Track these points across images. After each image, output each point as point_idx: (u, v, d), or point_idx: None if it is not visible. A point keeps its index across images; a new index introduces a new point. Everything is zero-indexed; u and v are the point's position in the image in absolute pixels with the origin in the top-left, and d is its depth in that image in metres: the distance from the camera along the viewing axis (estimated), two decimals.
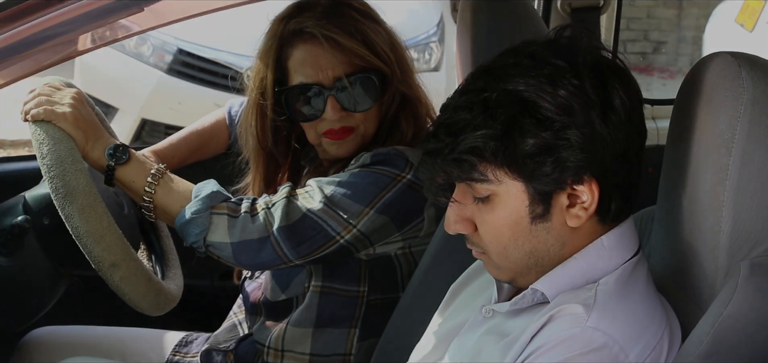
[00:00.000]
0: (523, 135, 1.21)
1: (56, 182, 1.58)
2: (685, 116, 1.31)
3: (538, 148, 1.21)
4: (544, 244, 1.27)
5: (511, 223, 1.26)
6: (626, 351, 1.20)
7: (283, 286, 1.87)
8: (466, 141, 1.22)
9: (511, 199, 1.25)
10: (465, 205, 1.29)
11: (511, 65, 1.24)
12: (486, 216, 1.28)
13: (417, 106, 1.88)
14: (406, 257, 1.84)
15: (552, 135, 1.21)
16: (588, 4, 2.47)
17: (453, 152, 1.24)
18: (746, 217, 1.22)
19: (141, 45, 4.77)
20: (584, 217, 1.25)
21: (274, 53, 1.81)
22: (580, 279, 1.28)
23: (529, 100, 1.21)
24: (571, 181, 1.23)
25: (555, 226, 1.26)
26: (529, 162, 1.22)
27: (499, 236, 1.28)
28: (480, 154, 1.23)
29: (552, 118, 1.21)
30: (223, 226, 1.68)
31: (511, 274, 1.32)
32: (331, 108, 1.78)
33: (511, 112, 1.21)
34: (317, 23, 1.76)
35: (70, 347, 2.08)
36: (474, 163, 1.23)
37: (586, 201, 1.24)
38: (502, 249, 1.28)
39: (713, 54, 1.29)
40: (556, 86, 1.21)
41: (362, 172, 1.75)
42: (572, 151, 1.21)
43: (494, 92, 1.22)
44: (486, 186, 1.25)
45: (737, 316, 1.20)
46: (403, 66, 1.86)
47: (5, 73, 1.57)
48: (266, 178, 1.95)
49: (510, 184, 1.24)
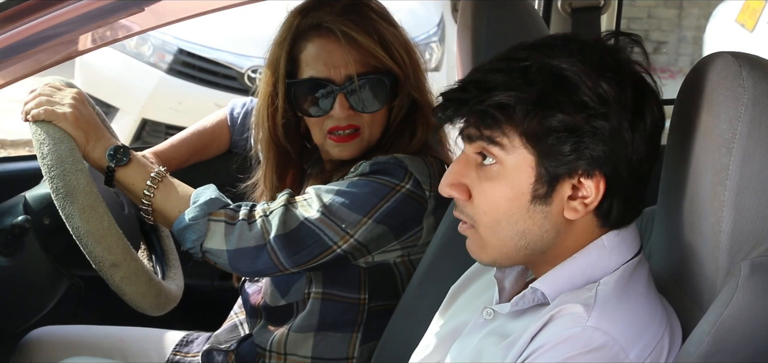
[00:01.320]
0: (555, 108, 1.21)
1: (57, 182, 1.58)
2: (685, 116, 1.31)
3: (565, 126, 1.21)
4: (539, 227, 1.26)
5: (511, 197, 1.25)
6: (626, 350, 1.20)
7: (282, 292, 1.87)
8: (498, 97, 1.22)
9: (517, 171, 1.24)
10: (465, 169, 1.29)
11: (559, 45, 1.25)
12: (486, 184, 1.26)
13: (429, 113, 1.87)
14: (405, 265, 1.83)
15: (583, 119, 1.21)
16: (589, 4, 2.47)
17: (481, 104, 1.23)
18: (747, 217, 1.22)
19: (141, 45, 4.77)
20: (582, 212, 1.25)
21: (288, 45, 1.81)
22: (579, 279, 1.28)
23: (569, 78, 1.22)
24: (582, 171, 1.23)
25: (553, 212, 1.26)
26: (551, 137, 1.22)
27: (495, 208, 1.26)
28: (508, 113, 1.22)
29: (587, 103, 1.21)
30: (220, 233, 1.68)
31: (495, 254, 1.30)
32: (339, 106, 1.77)
33: (548, 84, 1.21)
34: (336, 19, 1.76)
35: (70, 347, 2.08)
36: (499, 120, 1.22)
37: (589, 196, 1.24)
38: (494, 222, 1.27)
39: (714, 54, 1.29)
40: (599, 77, 1.22)
41: (361, 181, 1.75)
42: (595, 142, 1.21)
43: (535, 63, 1.23)
44: (497, 151, 1.24)
45: (738, 316, 1.20)
46: (417, 71, 1.85)
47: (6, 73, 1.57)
48: (278, 171, 1.94)
49: (521, 156, 1.24)
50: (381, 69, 1.78)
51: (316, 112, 1.80)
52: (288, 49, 1.81)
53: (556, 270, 1.29)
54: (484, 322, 1.37)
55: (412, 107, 1.85)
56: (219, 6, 2.27)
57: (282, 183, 1.93)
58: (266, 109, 1.87)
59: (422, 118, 1.86)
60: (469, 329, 1.39)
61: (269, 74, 1.85)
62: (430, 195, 1.77)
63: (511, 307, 1.32)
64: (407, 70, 1.81)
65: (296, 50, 1.81)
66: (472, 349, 1.35)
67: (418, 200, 1.76)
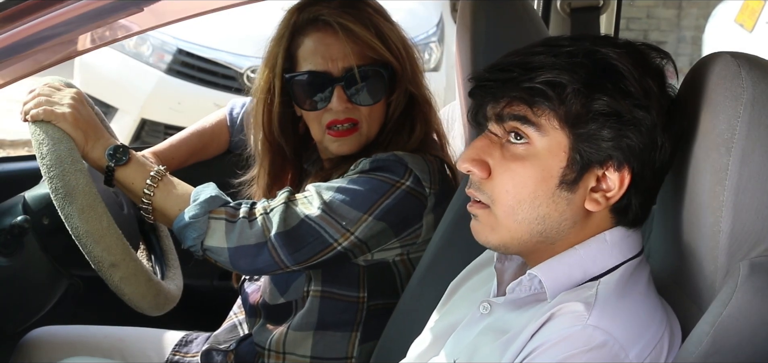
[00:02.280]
0: (601, 91, 1.22)
1: (56, 182, 1.58)
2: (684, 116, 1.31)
3: (609, 110, 1.22)
4: (560, 214, 1.27)
5: (539, 179, 1.25)
6: (626, 349, 1.20)
7: (281, 290, 1.87)
8: (547, 76, 1.23)
9: (549, 154, 1.25)
10: (491, 146, 1.28)
11: (604, 38, 1.28)
12: (513, 163, 1.26)
13: (427, 109, 1.88)
14: (404, 263, 1.83)
15: (627, 107, 1.22)
16: (588, 4, 2.47)
17: (531, 81, 1.23)
18: (746, 216, 1.22)
19: (141, 45, 4.77)
20: (603, 205, 1.26)
21: (286, 41, 1.82)
22: (578, 271, 1.28)
23: (615, 66, 1.23)
24: (612, 163, 1.24)
25: (575, 201, 1.26)
26: (593, 120, 1.22)
27: (521, 188, 1.26)
28: (558, 91, 1.23)
29: (632, 92, 1.23)
30: (220, 230, 1.68)
31: (506, 237, 1.29)
32: (337, 99, 1.78)
33: (595, 68, 1.23)
34: (334, 12, 1.77)
35: (70, 347, 2.08)
36: (550, 97, 1.23)
37: (612, 190, 1.25)
38: (516, 202, 1.26)
39: (713, 54, 1.29)
40: (644, 73, 1.24)
41: (361, 178, 1.75)
42: (634, 132, 1.23)
43: (581, 50, 1.25)
44: (531, 131, 1.25)
45: (737, 315, 1.20)
46: (414, 66, 1.86)
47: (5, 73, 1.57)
48: (272, 172, 1.94)
49: (556, 139, 1.24)
50: (379, 61, 1.79)
51: (314, 105, 1.80)
52: (286, 45, 1.81)
53: (555, 259, 1.29)
54: (481, 317, 1.37)
55: (410, 103, 1.86)
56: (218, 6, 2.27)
57: (276, 184, 1.93)
58: (263, 105, 1.87)
59: (420, 115, 1.86)
60: (465, 323, 1.39)
61: (266, 71, 1.85)
62: (430, 192, 1.77)
63: (508, 294, 1.32)
64: (404, 63, 1.82)
65: (294, 46, 1.82)
66: (468, 345, 1.35)
67: (418, 197, 1.76)
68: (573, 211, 1.27)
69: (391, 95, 1.83)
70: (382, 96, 1.81)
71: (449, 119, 2.16)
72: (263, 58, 1.87)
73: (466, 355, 1.34)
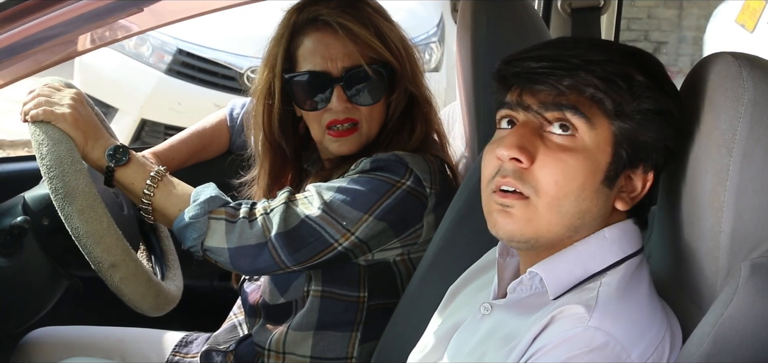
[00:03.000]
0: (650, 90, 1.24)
1: (56, 183, 1.58)
2: (685, 117, 1.31)
3: (658, 108, 1.24)
4: (598, 210, 1.26)
5: (588, 172, 1.24)
6: (628, 350, 1.19)
7: (281, 290, 1.87)
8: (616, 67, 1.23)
9: (598, 147, 1.24)
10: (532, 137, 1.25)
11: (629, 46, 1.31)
12: (563, 154, 1.24)
13: (427, 109, 1.88)
14: (405, 264, 1.83)
15: (671, 102, 1.26)
16: (588, 4, 2.47)
17: (604, 69, 1.23)
18: (747, 217, 1.22)
19: (140, 45, 4.77)
20: (629, 204, 1.28)
21: (285, 42, 1.82)
22: (578, 268, 1.27)
23: (659, 69, 1.28)
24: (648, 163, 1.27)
25: (611, 198, 1.27)
26: (641, 115, 1.24)
27: (571, 180, 1.24)
28: (629, 82, 1.23)
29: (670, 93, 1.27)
30: (220, 231, 1.68)
31: (543, 229, 1.26)
32: (337, 98, 1.78)
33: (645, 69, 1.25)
34: (333, 12, 1.77)
35: (70, 347, 2.07)
36: (620, 87, 1.23)
37: (636, 190, 1.28)
38: (563, 194, 1.24)
39: (714, 54, 1.29)
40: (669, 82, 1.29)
41: (362, 178, 1.75)
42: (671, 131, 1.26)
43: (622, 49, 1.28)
44: (582, 123, 1.24)
45: (738, 316, 1.20)
46: (414, 66, 1.86)
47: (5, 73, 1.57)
48: (272, 173, 1.94)
49: (603, 134, 1.24)
50: (378, 61, 1.79)
51: (314, 106, 1.80)
52: (285, 46, 1.81)
53: (555, 257, 1.29)
54: (482, 317, 1.36)
55: (410, 103, 1.85)
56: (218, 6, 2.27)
57: (276, 185, 1.93)
58: (263, 106, 1.87)
59: (421, 114, 1.86)
60: (466, 324, 1.39)
61: (266, 71, 1.85)
62: (431, 192, 1.77)
63: (509, 294, 1.32)
64: (404, 63, 1.82)
65: (293, 47, 1.82)
66: (474, 350, 1.34)
67: (418, 197, 1.76)
68: (607, 208, 1.28)
69: (391, 95, 1.83)
70: (381, 96, 1.81)
71: (449, 119, 2.16)
72: (263, 59, 1.87)
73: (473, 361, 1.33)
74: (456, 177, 1.89)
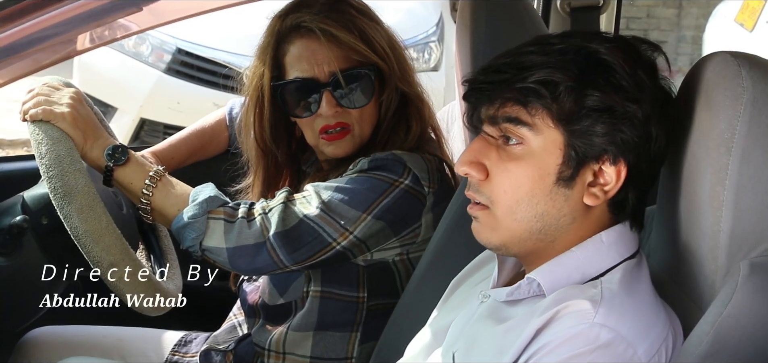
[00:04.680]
0: (594, 87, 1.23)
1: (55, 182, 1.58)
2: (684, 116, 1.31)
3: (602, 105, 1.23)
4: (558, 211, 1.27)
5: (536, 177, 1.26)
6: (634, 347, 1.19)
7: (281, 290, 1.87)
8: (540, 74, 1.23)
9: (544, 152, 1.25)
10: (486, 149, 1.29)
11: (593, 34, 1.29)
12: (510, 164, 1.27)
13: (421, 106, 1.88)
14: (403, 263, 1.83)
15: (620, 100, 1.23)
16: (588, 3, 2.47)
17: (523, 81, 1.24)
18: (746, 216, 1.22)
19: (140, 44, 4.77)
20: (601, 198, 1.27)
21: (272, 50, 1.82)
22: (576, 273, 1.28)
23: (606, 61, 1.24)
24: (608, 157, 1.25)
25: (573, 197, 1.27)
26: (587, 116, 1.23)
27: (518, 188, 1.27)
28: (552, 89, 1.23)
29: (624, 86, 1.23)
30: (219, 231, 1.68)
31: (507, 236, 1.30)
32: (326, 104, 1.78)
33: (587, 64, 1.24)
34: (315, 17, 1.77)
35: (70, 347, 2.07)
36: (543, 96, 1.23)
37: (609, 183, 1.26)
38: (514, 202, 1.27)
39: (713, 53, 1.29)
40: (636, 66, 1.25)
41: (360, 177, 1.75)
42: (628, 126, 1.24)
43: (572, 47, 1.25)
44: (524, 131, 1.25)
45: (737, 315, 1.20)
46: (403, 64, 1.85)
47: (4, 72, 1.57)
48: (266, 180, 1.95)
49: (550, 137, 1.25)
50: (364, 63, 1.79)
51: (304, 112, 1.80)
52: (272, 54, 1.82)
53: (553, 262, 1.29)
54: (479, 306, 1.37)
55: (403, 102, 1.85)
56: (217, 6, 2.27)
57: (270, 192, 1.93)
58: (253, 115, 1.88)
59: (415, 112, 1.86)
60: (464, 313, 1.40)
61: (255, 80, 1.86)
62: (429, 191, 1.77)
63: (507, 297, 1.32)
64: (391, 63, 1.81)
65: (280, 54, 1.82)
66: (468, 333, 1.35)
67: (416, 196, 1.76)
68: (571, 206, 1.27)
69: (382, 95, 1.83)
70: (371, 97, 1.81)
71: (449, 119, 2.16)
72: (251, 67, 1.87)
73: (465, 344, 1.34)
74: (454, 176, 1.89)
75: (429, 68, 4.95)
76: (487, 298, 1.36)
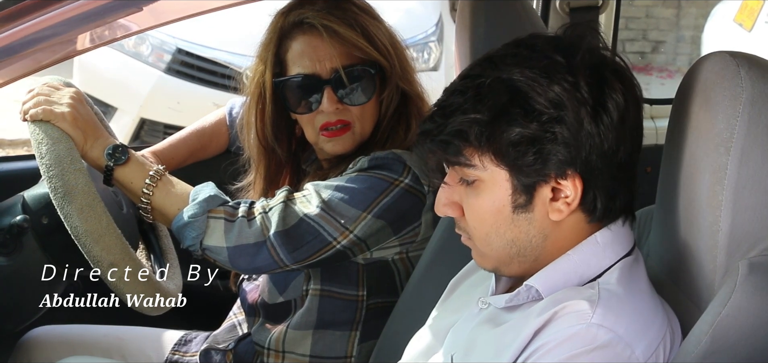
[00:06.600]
0: (510, 123, 1.22)
1: (55, 182, 1.58)
2: (683, 116, 1.31)
3: (523, 138, 1.22)
4: (526, 234, 1.28)
5: (494, 210, 1.27)
6: (632, 346, 1.19)
7: (280, 289, 1.87)
8: (454, 124, 1.24)
9: (495, 186, 1.26)
10: (454, 188, 1.31)
11: (511, 55, 1.26)
12: (471, 200, 1.29)
13: (421, 105, 1.88)
14: (403, 262, 1.84)
15: (538, 127, 1.22)
16: (587, 3, 2.47)
17: (441, 134, 1.25)
18: (745, 216, 1.22)
19: (140, 44, 4.76)
20: (566, 211, 1.26)
21: (274, 46, 1.82)
22: (574, 276, 1.28)
23: (521, 90, 1.22)
24: (554, 174, 1.24)
25: (537, 217, 1.27)
26: (512, 151, 1.23)
27: (482, 222, 1.29)
28: (465, 137, 1.24)
29: (541, 110, 1.22)
30: (219, 230, 1.68)
31: (495, 262, 1.33)
32: (327, 100, 1.78)
33: (501, 100, 1.22)
34: (317, 14, 1.77)
35: (70, 346, 2.08)
36: (459, 146, 1.25)
37: (570, 195, 1.25)
38: (484, 235, 1.30)
39: (712, 53, 1.29)
40: (550, 81, 1.22)
41: (360, 176, 1.75)
42: (556, 146, 1.22)
43: (488, 79, 1.24)
44: (472, 171, 1.26)
45: (736, 315, 1.20)
46: (404, 63, 1.86)
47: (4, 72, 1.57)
48: (268, 177, 1.95)
49: (495, 171, 1.26)
50: (366, 60, 1.79)
51: (306, 109, 1.80)
52: (274, 50, 1.82)
53: (551, 267, 1.29)
54: (479, 312, 1.37)
55: (404, 100, 1.86)
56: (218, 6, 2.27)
57: (271, 189, 1.93)
58: (254, 112, 1.88)
59: (415, 111, 1.87)
60: (464, 318, 1.40)
61: (257, 76, 1.86)
62: (429, 190, 1.77)
63: (506, 303, 1.32)
64: (393, 61, 1.82)
65: (282, 51, 1.82)
66: (466, 338, 1.35)
67: (416, 195, 1.76)
68: (539, 226, 1.28)
69: (382, 93, 1.83)
70: (372, 95, 1.81)
71: None
72: (253, 64, 1.88)
73: (464, 349, 1.34)
74: None
75: (428, 68, 4.95)
76: (487, 306, 1.37)
